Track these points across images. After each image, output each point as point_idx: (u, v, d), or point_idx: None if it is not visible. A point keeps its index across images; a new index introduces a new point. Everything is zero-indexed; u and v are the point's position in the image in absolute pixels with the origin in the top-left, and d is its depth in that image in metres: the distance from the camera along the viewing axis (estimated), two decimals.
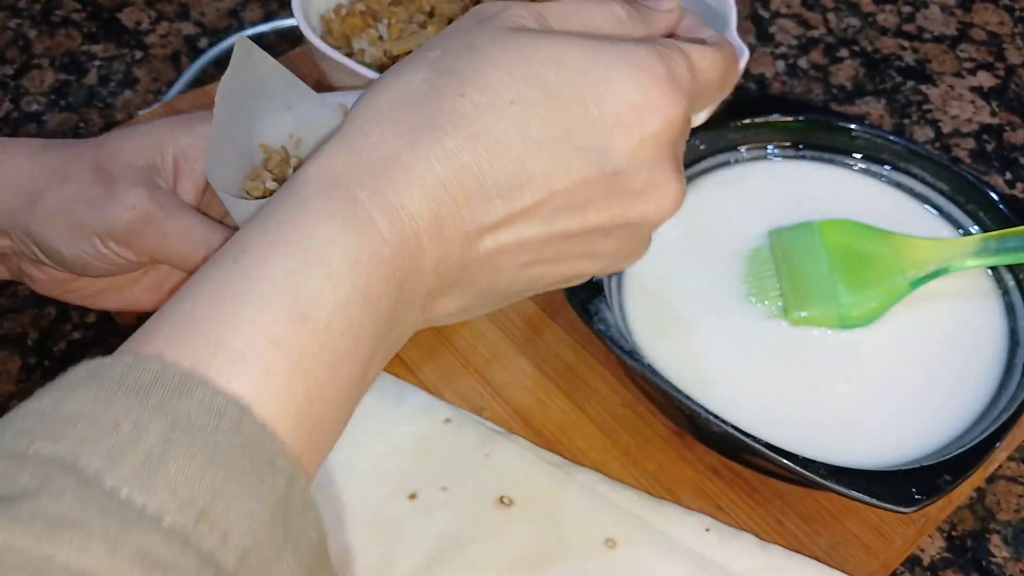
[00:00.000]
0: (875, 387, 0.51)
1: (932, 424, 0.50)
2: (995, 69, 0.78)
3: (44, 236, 0.45)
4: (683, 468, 0.51)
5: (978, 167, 0.71)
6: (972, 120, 0.74)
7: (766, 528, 0.49)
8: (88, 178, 0.45)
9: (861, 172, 0.61)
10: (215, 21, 0.80)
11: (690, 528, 0.47)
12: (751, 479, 0.50)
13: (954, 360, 0.52)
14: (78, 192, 0.45)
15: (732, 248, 0.57)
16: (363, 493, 0.48)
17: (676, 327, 0.53)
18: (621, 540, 0.47)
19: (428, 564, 0.46)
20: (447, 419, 0.51)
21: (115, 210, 0.44)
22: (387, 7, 0.65)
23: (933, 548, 0.51)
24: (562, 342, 0.56)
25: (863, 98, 0.75)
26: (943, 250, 0.54)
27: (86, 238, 0.45)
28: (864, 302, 0.53)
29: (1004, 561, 0.51)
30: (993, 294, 0.55)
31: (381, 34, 0.63)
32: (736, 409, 0.48)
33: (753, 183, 0.60)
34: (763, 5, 0.83)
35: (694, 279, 0.55)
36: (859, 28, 0.81)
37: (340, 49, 0.62)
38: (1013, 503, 0.53)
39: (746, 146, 0.61)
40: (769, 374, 0.51)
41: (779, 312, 0.53)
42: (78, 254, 0.45)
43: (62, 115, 0.72)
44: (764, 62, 0.78)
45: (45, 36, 0.78)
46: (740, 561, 0.47)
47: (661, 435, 0.52)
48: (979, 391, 0.51)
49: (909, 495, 0.44)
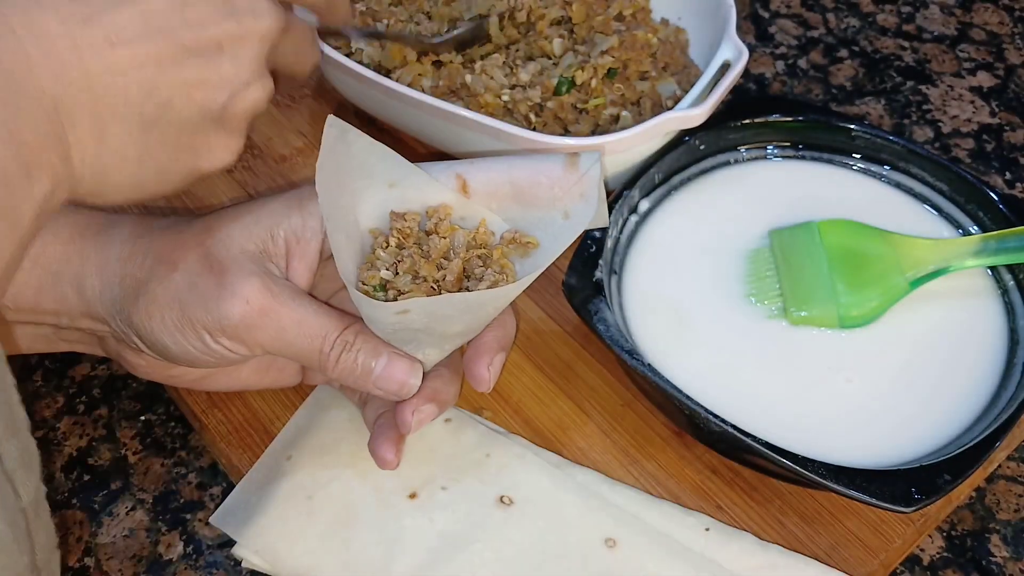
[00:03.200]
0: (875, 387, 0.51)
1: (932, 424, 0.50)
2: (995, 69, 0.78)
3: (149, 329, 0.43)
4: (683, 468, 0.51)
5: (978, 167, 0.71)
6: (972, 120, 0.74)
7: (766, 528, 0.49)
8: (198, 268, 0.43)
9: (861, 172, 0.61)
10: None
11: (690, 528, 0.47)
12: (751, 479, 0.50)
13: (954, 360, 0.52)
14: (187, 284, 0.42)
15: (732, 248, 0.57)
16: (363, 493, 0.48)
17: (676, 327, 0.53)
18: (621, 540, 0.47)
19: (428, 564, 0.46)
20: (447, 419, 0.51)
21: (228, 304, 0.42)
22: (387, 7, 0.65)
23: (933, 548, 0.51)
24: (562, 342, 0.56)
25: (863, 98, 0.75)
26: (943, 250, 0.54)
27: (195, 333, 0.42)
28: (864, 302, 0.53)
29: (1004, 561, 0.51)
30: (993, 294, 0.55)
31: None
32: (736, 409, 0.48)
33: (753, 183, 0.60)
34: (763, 5, 0.83)
35: (694, 279, 0.55)
36: (859, 28, 0.81)
37: (340, 49, 0.62)
38: (1013, 503, 0.53)
39: (746, 146, 0.61)
40: (769, 374, 0.51)
41: (779, 312, 0.53)
42: (186, 349, 0.43)
43: None
44: (764, 62, 0.78)
45: None
46: (740, 561, 0.47)
47: (661, 435, 0.52)
48: (979, 391, 0.51)
49: (909, 495, 0.44)
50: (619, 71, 0.60)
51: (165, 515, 0.51)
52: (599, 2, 0.62)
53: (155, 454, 0.53)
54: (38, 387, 0.56)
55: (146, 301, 0.43)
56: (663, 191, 0.59)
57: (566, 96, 0.58)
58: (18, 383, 0.54)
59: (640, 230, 0.57)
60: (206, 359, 0.44)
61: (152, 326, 0.43)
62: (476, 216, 0.46)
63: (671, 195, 0.59)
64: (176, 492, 0.52)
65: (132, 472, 0.53)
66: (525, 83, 0.59)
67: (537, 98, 0.58)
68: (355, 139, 0.44)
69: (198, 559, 0.49)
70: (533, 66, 0.60)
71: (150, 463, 0.53)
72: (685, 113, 0.55)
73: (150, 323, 0.43)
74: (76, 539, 0.50)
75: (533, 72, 0.60)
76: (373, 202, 0.46)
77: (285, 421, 0.51)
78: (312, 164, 0.65)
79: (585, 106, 0.59)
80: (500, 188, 0.46)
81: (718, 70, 0.59)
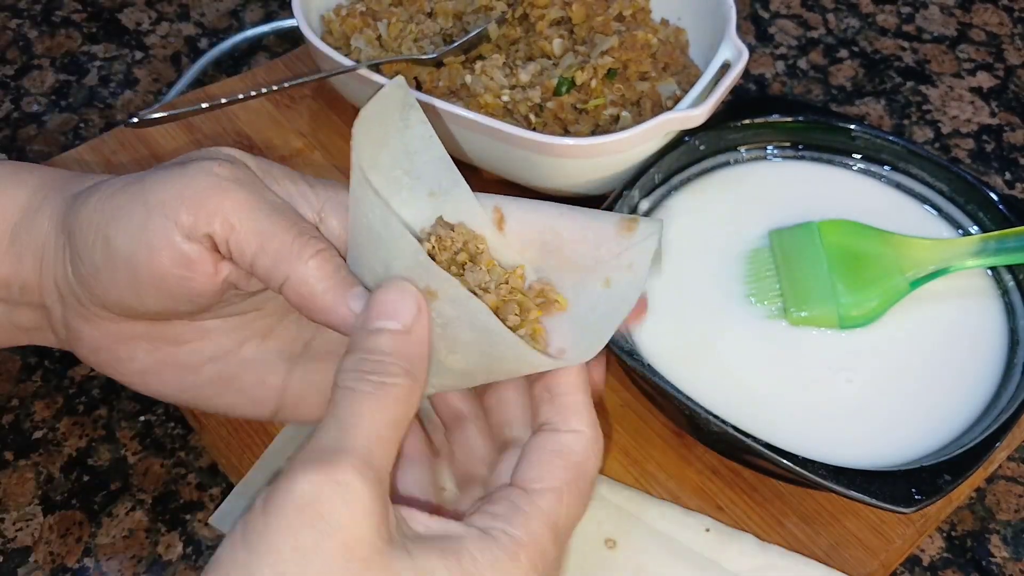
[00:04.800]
0: (875, 387, 0.51)
1: (932, 424, 0.50)
2: (995, 69, 0.78)
3: (95, 224, 0.37)
4: (683, 468, 0.51)
5: (978, 167, 0.71)
6: (972, 120, 0.74)
7: (766, 528, 0.49)
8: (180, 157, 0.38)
9: (861, 172, 0.61)
10: (215, 21, 0.80)
11: (690, 528, 0.47)
12: (751, 479, 0.50)
13: (954, 360, 0.52)
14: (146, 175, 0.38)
15: (732, 248, 0.57)
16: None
17: (676, 327, 0.53)
18: (621, 540, 0.47)
19: None
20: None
21: (191, 175, 0.37)
22: (387, 7, 0.65)
23: (933, 548, 0.51)
24: None
25: (863, 98, 0.75)
26: (943, 250, 0.54)
27: (147, 212, 0.36)
28: (864, 302, 0.53)
29: (1004, 561, 0.51)
30: (993, 294, 0.55)
31: (380, 34, 0.63)
32: (736, 409, 0.48)
33: (753, 183, 0.60)
34: (763, 5, 0.83)
35: (694, 279, 0.55)
36: (859, 29, 0.81)
37: (340, 49, 0.62)
38: (1013, 503, 0.53)
39: (746, 146, 0.61)
40: (769, 374, 0.51)
41: (779, 312, 0.53)
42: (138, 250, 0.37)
43: (62, 115, 0.72)
44: (764, 62, 0.78)
45: (45, 36, 0.78)
46: (740, 561, 0.47)
47: (661, 435, 0.52)
48: (979, 391, 0.51)
49: (909, 495, 0.44)
50: (619, 71, 0.60)
51: (165, 516, 0.51)
52: (599, 2, 0.62)
53: (155, 455, 0.53)
54: (38, 387, 0.56)
55: (98, 196, 0.38)
56: (663, 191, 0.59)
57: (566, 96, 0.58)
58: (18, 383, 0.54)
59: None
60: (149, 249, 0.37)
61: (102, 212, 0.37)
62: (506, 257, 0.41)
63: (671, 195, 0.59)
64: (176, 493, 0.52)
65: (132, 472, 0.53)
66: (525, 83, 0.59)
67: (537, 98, 0.58)
68: (415, 123, 0.39)
69: (198, 559, 0.49)
70: (533, 66, 0.60)
71: (150, 464, 0.53)
72: (685, 113, 0.55)
73: (100, 209, 0.37)
74: (76, 539, 0.50)
75: (533, 72, 0.60)
76: (410, 205, 0.40)
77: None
78: (312, 164, 0.65)
79: (585, 106, 0.59)
80: (539, 235, 0.40)
81: (718, 70, 0.59)
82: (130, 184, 0.38)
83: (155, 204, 0.37)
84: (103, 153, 0.64)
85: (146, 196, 0.37)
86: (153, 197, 0.37)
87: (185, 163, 0.38)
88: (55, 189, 0.41)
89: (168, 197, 0.37)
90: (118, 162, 0.64)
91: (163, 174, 0.38)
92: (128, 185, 0.38)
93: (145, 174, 0.39)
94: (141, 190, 0.38)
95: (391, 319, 0.35)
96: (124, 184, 0.38)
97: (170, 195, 0.37)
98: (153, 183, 0.37)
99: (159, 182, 0.37)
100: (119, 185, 0.39)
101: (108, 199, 0.38)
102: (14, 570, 0.49)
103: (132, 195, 0.38)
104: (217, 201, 0.37)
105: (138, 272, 0.37)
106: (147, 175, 0.38)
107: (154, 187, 0.37)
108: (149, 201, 0.37)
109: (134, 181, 0.38)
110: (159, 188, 0.37)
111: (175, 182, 0.37)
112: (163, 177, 0.38)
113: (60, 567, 0.49)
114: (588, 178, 0.57)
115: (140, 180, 0.38)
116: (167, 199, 0.37)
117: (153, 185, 0.37)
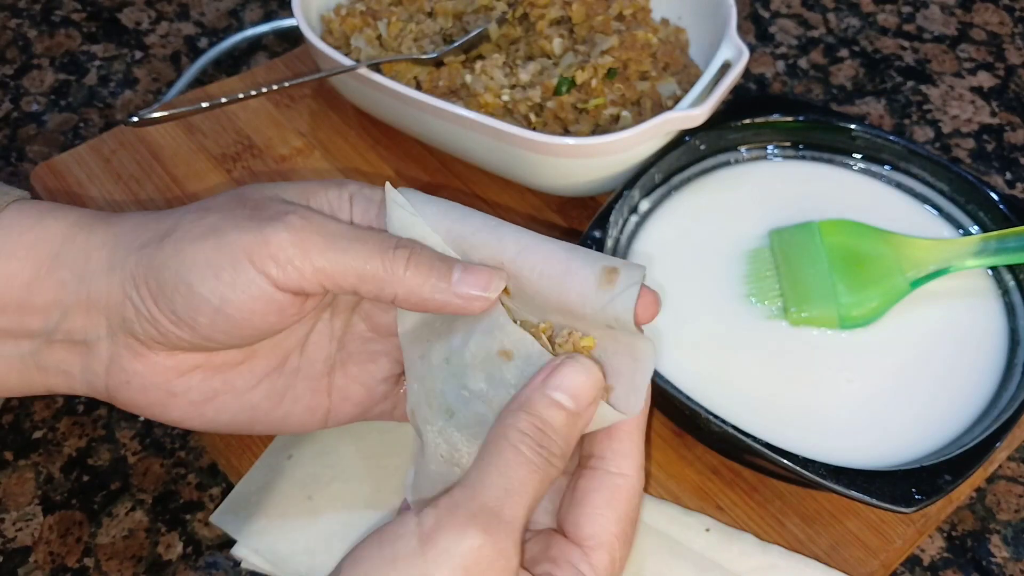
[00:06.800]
0: (875, 387, 0.51)
1: (932, 424, 0.50)
2: (995, 69, 0.78)
3: (177, 265, 0.38)
4: (683, 468, 0.51)
5: (978, 167, 0.71)
6: (972, 120, 0.74)
7: (766, 528, 0.49)
8: (233, 204, 0.39)
9: (861, 172, 0.61)
10: (215, 21, 0.80)
11: (690, 528, 0.47)
12: (751, 479, 0.50)
13: (954, 360, 0.52)
14: (224, 217, 0.39)
15: (732, 248, 0.57)
16: (364, 493, 0.48)
17: (676, 327, 0.53)
18: None
19: None
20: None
21: (272, 226, 0.38)
22: (387, 7, 0.65)
23: (933, 548, 0.51)
24: None
25: (863, 98, 0.75)
26: (943, 250, 0.54)
27: (232, 259, 0.37)
28: (864, 302, 0.53)
29: (1004, 561, 0.51)
30: (993, 294, 0.55)
31: (380, 33, 0.63)
32: (736, 409, 0.48)
33: (753, 183, 0.60)
34: (763, 5, 0.83)
35: (694, 279, 0.55)
36: (859, 28, 0.81)
37: (340, 49, 0.62)
38: (1013, 503, 0.53)
39: (746, 146, 0.61)
40: (769, 374, 0.51)
41: (779, 312, 0.53)
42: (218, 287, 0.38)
43: (62, 115, 0.72)
44: (764, 62, 0.78)
45: (45, 36, 0.78)
46: (740, 561, 0.47)
47: (661, 435, 0.52)
48: (979, 391, 0.51)
49: (909, 495, 0.44)
50: (619, 71, 0.60)
51: (165, 515, 0.51)
52: (599, 2, 0.62)
53: (154, 454, 0.53)
54: None
55: (175, 238, 0.38)
56: (663, 191, 0.59)
57: (566, 96, 0.58)
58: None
59: (640, 230, 0.57)
60: (242, 300, 0.38)
61: (181, 261, 0.38)
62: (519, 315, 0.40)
63: (671, 195, 0.59)
64: (176, 492, 0.52)
65: (131, 472, 0.53)
66: (525, 83, 0.59)
67: (537, 98, 0.58)
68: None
69: (198, 559, 0.49)
70: (533, 66, 0.60)
71: (149, 463, 0.53)
72: (685, 113, 0.55)
73: (179, 258, 0.38)
74: (76, 539, 0.50)
75: (533, 72, 0.60)
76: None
77: None
78: (311, 164, 0.65)
79: (585, 106, 0.59)
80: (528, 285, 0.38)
81: (718, 70, 0.59)
82: (207, 235, 0.38)
83: (242, 257, 0.38)
84: (103, 153, 0.64)
85: (232, 250, 0.38)
86: (240, 251, 0.38)
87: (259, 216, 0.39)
88: (100, 220, 0.41)
89: (254, 253, 0.38)
90: (118, 162, 0.64)
91: (244, 225, 0.38)
92: (205, 236, 0.38)
93: (218, 221, 0.39)
94: (224, 243, 0.38)
95: (569, 397, 0.36)
96: (202, 233, 0.39)
97: (255, 249, 0.38)
98: (237, 236, 0.38)
99: (243, 233, 0.38)
100: (198, 232, 0.39)
101: (188, 244, 0.38)
102: (14, 570, 0.49)
103: (215, 247, 0.38)
104: (303, 254, 0.38)
105: (226, 316, 0.38)
106: (221, 222, 0.39)
107: (239, 239, 0.38)
108: (236, 255, 0.38)
109: (209, 234, 0.38)
110: (244, 240, 0.38)
111: (256, 235, 0.38)
112: (245, 229, 0.38)
113: (60, 567, 0.49)
114: (588, 178, 0.57)
115: (216, 231, 0.38)
116: (255, 255, 0.38)
117: (237, 239, 0.38)
